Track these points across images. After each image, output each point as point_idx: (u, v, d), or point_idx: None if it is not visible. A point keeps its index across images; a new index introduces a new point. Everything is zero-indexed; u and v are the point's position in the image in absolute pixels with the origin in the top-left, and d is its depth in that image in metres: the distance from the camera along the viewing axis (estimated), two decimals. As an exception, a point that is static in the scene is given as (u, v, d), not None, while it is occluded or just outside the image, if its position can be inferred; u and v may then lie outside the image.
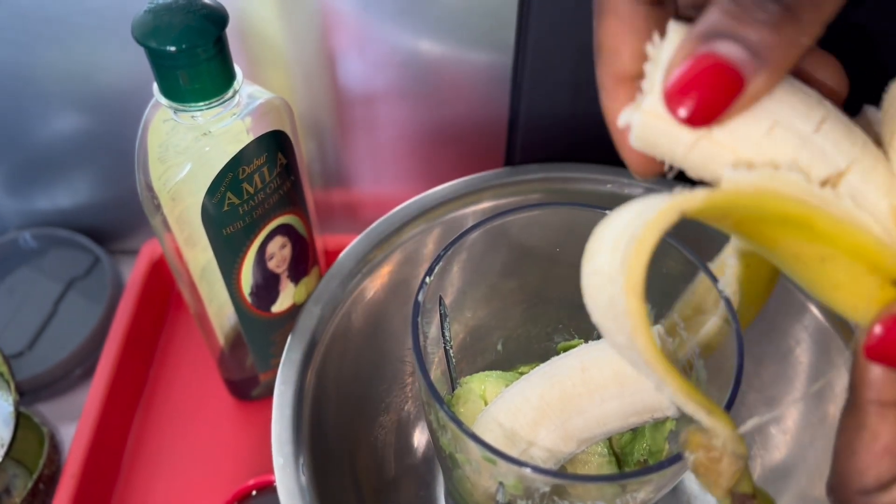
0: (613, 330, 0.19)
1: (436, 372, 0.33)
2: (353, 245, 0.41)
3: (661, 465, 0.24)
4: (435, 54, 0.45)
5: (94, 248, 0.53)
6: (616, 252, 0.18)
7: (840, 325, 0.37)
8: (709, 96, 0.17)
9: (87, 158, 0.51)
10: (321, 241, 0.44)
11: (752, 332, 0.29)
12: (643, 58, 0.20)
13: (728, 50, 0.17)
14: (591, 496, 0.26)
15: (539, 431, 0.28)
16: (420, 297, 0.29)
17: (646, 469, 0.24)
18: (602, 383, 0.28)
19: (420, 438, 0.43)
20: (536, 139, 0.48)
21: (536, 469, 0.24)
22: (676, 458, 0.23)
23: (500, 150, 0.51)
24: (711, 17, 0.17)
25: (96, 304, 0.51)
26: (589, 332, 0.39)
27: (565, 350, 0.31)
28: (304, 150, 0.51)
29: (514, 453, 0.26)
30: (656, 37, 0.19)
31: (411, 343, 0.28)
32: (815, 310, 0.38)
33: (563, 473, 0.25)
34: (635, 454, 0.31)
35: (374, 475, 0.40)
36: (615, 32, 0.20)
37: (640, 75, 0.20)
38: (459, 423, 0.24)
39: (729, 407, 0.24)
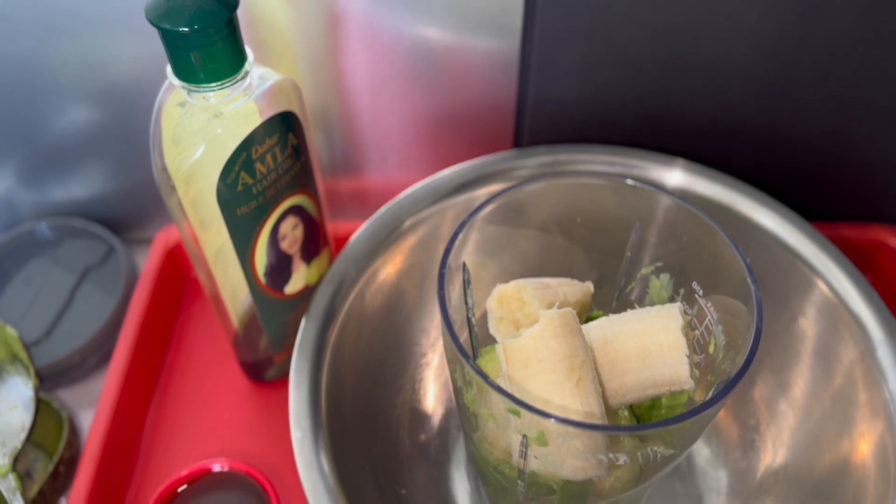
0: None
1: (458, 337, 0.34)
2: (364, 228, 0.42)
3: (679, 418, 0.24)
4: (442, 40, 0.45)
5: (109, 237, 0.54)
6: None
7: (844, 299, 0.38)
8: None
9: (100, 149, 0.51)
10: (331, 228, 0.44)
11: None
12: None
13: None
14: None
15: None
16: (450, 249, 0.29)
17: (664, 421, 0.24)
18: (624, 356, 0.29)
19: (433, 418, 0.43)
20: (544, 124, 0.48)
21: (560, 419, 0.24)
22: (692, 413, 0.24)
23: (507, 136, 0.51)
24: None
25: (112, 292, 0.52)
26: (608, 304, 0.39)
27: (588, 322, 0.32)
28: (312, 138, 0.51)
29: None
30: None
31: (437, 300, 0.28)
32: (821, 284, 0.39)
33: (585, 423, 0.25)
34: (653, 419, 0.32)
35: (387, 454, 0.40)
36: None
37: None
38: (485, 377, 0.25)
39: (746, 367, 0.25)
